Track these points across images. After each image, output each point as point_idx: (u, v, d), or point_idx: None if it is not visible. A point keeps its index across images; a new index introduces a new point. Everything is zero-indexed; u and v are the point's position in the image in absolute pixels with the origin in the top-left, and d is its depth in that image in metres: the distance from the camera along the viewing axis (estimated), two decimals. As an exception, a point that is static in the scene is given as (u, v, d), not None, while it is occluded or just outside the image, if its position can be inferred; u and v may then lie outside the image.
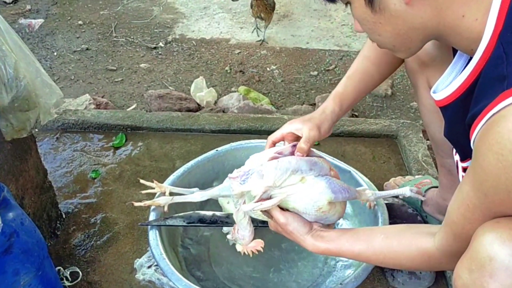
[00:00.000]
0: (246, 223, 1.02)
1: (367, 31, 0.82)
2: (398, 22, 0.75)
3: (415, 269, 1.05)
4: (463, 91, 0.78)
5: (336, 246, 0.94)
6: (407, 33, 0.77)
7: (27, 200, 1.26)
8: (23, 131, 1.16)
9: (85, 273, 1.28)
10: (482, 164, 0.66)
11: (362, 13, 0.78)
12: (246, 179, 0.97)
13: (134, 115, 1.81)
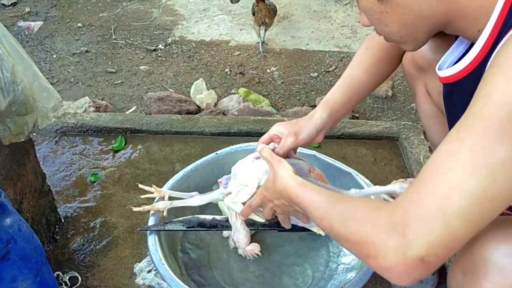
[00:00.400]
0: (239, 225, 1.06)
1: (374, 22, 0.82)
2: (405, 11, 0.75)
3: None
4: (476, 64, 0.76)
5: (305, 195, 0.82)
6: (414, 22, 0.76)
7: (26, 204, 1.25)
8: (20, 135, 1.15)
9: (85, 278, 1.27)
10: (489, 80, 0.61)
11: (369, 3, 0.78)
12: (227, 183, 1.06)
13: (134, 118, 1.81)
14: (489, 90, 0.61)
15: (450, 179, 0.60)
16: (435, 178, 0.62)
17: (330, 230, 0.75)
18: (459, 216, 0.60)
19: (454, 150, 0.62)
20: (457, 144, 0.62)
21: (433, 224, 0.60)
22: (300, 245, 1.33)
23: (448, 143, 0.63)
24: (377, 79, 1.14)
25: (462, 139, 0.61)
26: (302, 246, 1.33)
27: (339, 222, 0.72)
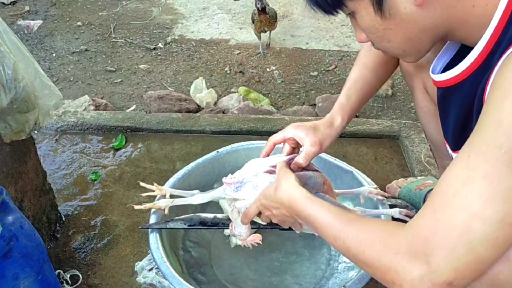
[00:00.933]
0: (240, 221, 1.04)
1: (375, 39, 0.80)
2: (409, 26, 0.74)
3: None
4: (473, 70, 0.75)
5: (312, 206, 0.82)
6: (418, 35, 0.76)
7: (27, 202, 1.24)
8: (22, 133, 1.14)
9: (85, 276, 1.27)
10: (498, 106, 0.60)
11: (370, 22, 0.76)
12: (239, 187, 1.01)
13: (134, 116, 1.80)
14: (500, 116, 0.61)
15: (468, 207, 0.61)
16: (453, 205, 0.62)
17: (346, 251, 0.75)
18: (482, 242, 0.61)
19: (468, 176, 0.62)
20: (470, 170, 0.62)
21: (457, 251, 0.61)
22: (301, 243, 1.33)
23: (460, 168, 0.63)
24: (383, 79, 1.15)
25: (475, 166, 0.62)
26: (303, 244, 1.33)
27: (356, 246, 0.72)
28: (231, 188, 1.01)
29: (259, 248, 1.32)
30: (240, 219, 1.05)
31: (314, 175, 1.00)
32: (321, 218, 0.80)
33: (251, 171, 1.02)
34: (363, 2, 0.74)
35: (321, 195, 0.98)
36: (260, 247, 1.32)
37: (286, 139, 1.07)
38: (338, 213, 0.79)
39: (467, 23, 0.72)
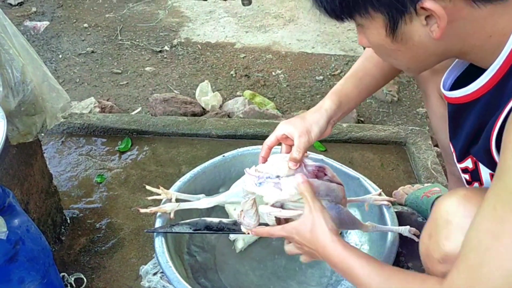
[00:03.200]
0: (253, 213, 1.01)
1: (380, 54, 0.79)
2: (420, 51, 0.73)
3: None
4: (487, 90, 0.74)
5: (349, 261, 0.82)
6: (427, 58, 0.75)
7: (32, 205, 1.24)
8: (29, 136, 1.15)
9: (90, 280, 1.27)
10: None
11: (380, 41, 0.74)
12: (262, 183, 0.96)
13: (140, 119, 1.80)
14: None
15: (502, 263, 0.62)
16: (487, 262, 0.63)
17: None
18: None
19: (497, 230, 0.63)
20: (498, 223, 0.63)
21: None
22: (307, 249, 1.33)
23: (488, 220, 0.64)
24: (388, 75, 1.11)
25: (503, 219, 0.62)
26: (309, 250, 1.32)
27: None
28: (254, 181, 0.96)
29: (264, 253, 1.31)
30: (253, 217, 1.01)
31: (337, 188, 1.00)
32: (359, 272, 0.80)
33: (276, 170, 0.97)
34: (375, 22, 0.71)
35: (341, 207, 0.98)
36: (265, 253, 1.32)
37: (279, 138, 1.04)
38: (376, 267, 0.80)
39: (481, 49, 0.71)
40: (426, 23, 0.68)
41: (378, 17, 0.70)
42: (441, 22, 0.66)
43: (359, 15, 0.72)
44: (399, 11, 0.67)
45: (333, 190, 0.98)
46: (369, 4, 0.69)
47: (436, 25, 0.67)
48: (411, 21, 0.68)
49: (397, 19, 0.68)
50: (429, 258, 0.84)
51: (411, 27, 0.69)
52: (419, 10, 0.66)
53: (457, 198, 0.80)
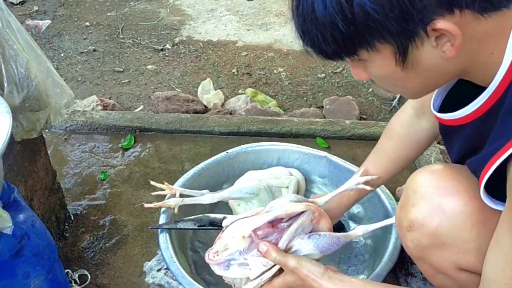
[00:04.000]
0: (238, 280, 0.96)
1: (386, 86, 0.77)
2: (430, 74, 0.71)
3: None
4: (479, 114, 0.74)
5: None
6: (436, 80, 0.74)
7: (36, 201, 1.24)
8: (33, 132, 1.15)
9: (94, 276, 1.27)
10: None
11: (387, 72, 0.71)
12: (228, 267, 0.93)
13: (143, 116, 1.80)
14: None
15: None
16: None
17: None
18: None
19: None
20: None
21: None
22: (311, 245, 1.32)
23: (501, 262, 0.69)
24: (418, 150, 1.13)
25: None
26: (313, 246, 1.32)
27: None
28: (220, 267, 0.94)
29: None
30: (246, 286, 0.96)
31: (299, 225, 0.94)
32: None
33: (234, 245, 0.92)
34: (382, 54, 0.67)
35: (316, 237, 0.95)
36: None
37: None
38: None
39: (483, 68, 0.70)
40: (436, 44, 0.65)
41: (385, 48, 0.66)
42: (456, 40, 0.63)
43: (365, 50, 0.68)
44: (408, 37, 0.64)
45: (296, 229, 0.93)
46: (376, 37, 0.65)
47: (449, 44, 0.64)
48: (422, 45, 0.65)
49: (406, 46, 0.65)
50: (400, 227, 0.90)
51: (422, 51, 0.66)
52: (430, 32, 0.63)
53: (426, 172, 0.86)
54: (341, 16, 0.63)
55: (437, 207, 0.82)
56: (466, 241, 0.81)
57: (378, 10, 0.61)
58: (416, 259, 0.93)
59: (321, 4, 0.64)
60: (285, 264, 0.90)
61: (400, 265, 1.24)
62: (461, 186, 0.81)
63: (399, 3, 0.60)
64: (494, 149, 0.68)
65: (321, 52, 0.70)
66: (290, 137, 1.74)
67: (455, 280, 0.86)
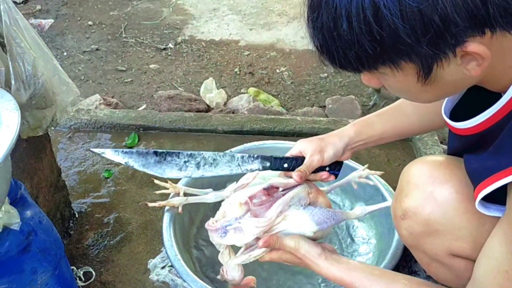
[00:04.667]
0: (233, 264, 0.98)
1: (401, 95, 0.76)
2: (449, 87, 0.69)
3: None
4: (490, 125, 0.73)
5: (351, 279, 0.86)
6: (452, 92, 0.75)
7: (41, 199, 1.25)
8: (39, 129, 1.15)
9: (99, 273, 1.28)
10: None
11: (406, 86, 0.69)
12: (225, 233, 0.94)
13: (147, 115, 1.81)
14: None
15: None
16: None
17: None
18: None
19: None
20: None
21: None
22: (314, 243, 1.33)
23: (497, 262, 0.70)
24: (426, 127, 1.09)
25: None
26: (316, 244, 1.33)
27: None
28: (218, 234, 0.95)
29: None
30: (232, 260, 0.98)
31: (295, 193, 0.96)
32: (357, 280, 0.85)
33: (231, 212, 0.95)
34: (404, 71, 0.65)
35: (311, 208, 0.96)
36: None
37: (293, 155, 1.05)
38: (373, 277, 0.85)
39: (499, 79, 0.69)
40: (461, 62, 0.63)
41: (409, 66, 0.64)
42: (484, 62, 0.62)
43: (387, 67, 0.65)
44: (436, 58, 0.62)
45: (292, 198, 0.95)
46: (402, 57, 0.62)
47: (474, 63, 0.62)
48: (448, 65, 0.63)
49: (432, 66, 0.63)
50: (395, 217, 0.93)
51: (446, 69, 0.64)
52: (458, 53, 0.61)
53: (419, 163, 0.90)
54: (369, 37, 0.60)
55: (429, 196, 0.85)
56: (457, 228, 0.83)
57: (410, 34, 0.58)
58: (411, 247, 0.96)
59: (346, 22, 0.60)
60: (284, 247, 0.90)
61: (404, 263, 1.25)
62: (453, 175, 0.83)
63: (433, 27, 0.58)
64: (497, 165, 0.68)
65: (340, 67, 0.67)
66: (294, 136, 1.74)
67: (448, 266, 0.89)
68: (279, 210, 0.93)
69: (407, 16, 0.57)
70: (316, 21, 0.64)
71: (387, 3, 0.57)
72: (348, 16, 0.60)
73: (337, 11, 0.60)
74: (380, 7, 0.57)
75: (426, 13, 0.57)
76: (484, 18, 0.58)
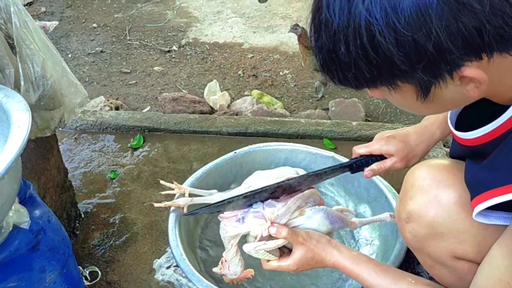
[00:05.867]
0: (237, 260, 1.01)
1: (404, 109, 0.77)
2: (449, 104, 0.71)
3: None
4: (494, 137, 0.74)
5: (360, 269, 0.89)
6: (454, 107, 0.77)
7: (48, 199, 1.26)
8: (46, 130, 1.17)
9: (104, 273, 1.29)
10: None
11: (406, 103, 0.70)
12: (244, 217, 0.96)
13: (152, 116, 1.83)
14: None
15: None
16: None
17: None
18: None
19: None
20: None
21: None
22: (318, 244, 1.34)
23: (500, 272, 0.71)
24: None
25: None
26: (320, 245, 1.34)
27: None
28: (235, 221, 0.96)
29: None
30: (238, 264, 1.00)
31: (311, 193, 1.00)
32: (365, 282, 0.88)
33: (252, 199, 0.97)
34: (403, 91, 0.66)
35: (326, 208, 1.00)
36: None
37: (371, 152, 1.06)
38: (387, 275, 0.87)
39: (504, 95, 0.70)
40: (460, 83, 0.63)
41: (407, 86, 0.65)
42: (481, 85, 0.62)
43: (386, 87, 0.66)
44: (432, 81, 0.63)
45: (309, 196, 1.00)
46: (399, 79, 0.64)
47: (473, 85, 0.63)
48: (446, 86, 0.63)
49: (429, 87, 0.63)
50: (399, 219, 0.94)
51: (444, 89, 0.64)
52: (455, 76, 0.62)
53: (423, 166, 0.90)
54: (366, 61, 0.61)
55: (433, 199, 0.86)
56: (461, 231, 0.84)
57: (405, 61, 0.59)
58: (415, 250, 0.97)
59: (344, 46, 0.61)
60: (296, 237, 0.92)
61: (407, 264, 1.25)
62: (456, 178, 0.84)
63: (427, 55, 0.58)
64: (492, 180, 0.69)
65: (341, 84, 0.69)
66: (297, 138, 1.76)
67: (451, 269, 0.90)
68: (298, 204, 0.96)
69: (402, 44, 0.58)
70: (317, 41, 0.65)
71: (382, 31, 0.58)
72: (346, 40, 0.61)
73: (336, 35, 0.62)
74: (376, 34, 0.58)
75: (420, 42, 0.58)
76: (479, 45, 0.58)
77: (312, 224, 0.97)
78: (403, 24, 0.57)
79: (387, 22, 0.58)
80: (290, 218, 0.96)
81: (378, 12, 0.57)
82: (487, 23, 0.56)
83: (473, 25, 0.56)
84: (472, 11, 0.56)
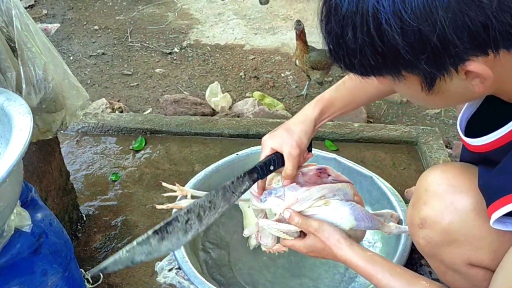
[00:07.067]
0: (267, 233, 1.00)
1: (407, 98, 0.77)
2: (455, 98, 0.70)
3: None
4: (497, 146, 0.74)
5: (374, 270, 0.86)
6: (460, 102, 0.76)
7: (50, 201, 1.26)
8: (48, 133, 1.17)
9: (106, 276, 1.28)
10: None
11: (411, 93, 0.70)
12: (266, 198, 0.96)
13: (154, 118, 1.83)
14: None
15: None
16: None
17: None
18: None
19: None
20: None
21: None
22: (320, 246, 1.34)
23: None
24: (384, 93, 1.07)
25: None
26: (322, 247, 1.33)
27: None
28: (259, 199, 0.97)
29: (279, 250, 1.33)
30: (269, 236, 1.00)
31: (343, 187, 0.97)
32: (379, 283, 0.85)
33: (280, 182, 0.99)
34: (408, 81, 0.66)
35: (354, 204, 0.96)
36: (279, 250, 1.33)
37: (268, 156, 1.00)
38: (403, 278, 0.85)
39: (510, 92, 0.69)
40: (465, 78, 0.63)
41: (412, 77, 0.65)
42: (486, 81, 0.62)
43: (391, 76, 0.66)
44: (438, 73, 0.63)
45: (338, 189, 0.96)
46: (404, 69, 0.64)
47: (478, 80, 0.63)
48: (451, 80, 0.63)
49: (434, 79, 0.64)
50: (412, 225, 0.91)
51: (449, 83, 0.64)
52: (460, 70, 0.62)
53: (437, 170, 0.88)
54: (371, 48, 0.62)
55: (449, 205, 0.84)
56: (477, 238, 0.82)
57: (410, 51, 0.60)
58: (427, 256, 0.95)
59: (351, 32, 0.62)
60: (307, 227, 0.90)
61: (410, 266, 1.25)
62: (473, 184, 0.82)
63: (431, 46, 0.59)
64: (505, 186, 0.68)
65: (347, 70, 0.69)
66: (299, 140, 1.75)
67: (466, 276, 0.88)
68: (323, 193, 0.93)
69: (407, 34, 0.58)
70: (326, 25, 0.66)
71: (389, 19, 0.58)
72: (354, 26, 0.61)
73: (344, 20, 0.62)
74: (382, 22, 0.59)
75: (424, 33, 0.58)
76: (485, 41, 0.58)
77: (335, 217, 0.92)
78: (409, 13, 0.57)
79: (394, 10, 0.58)
80: (312, 205, 0.93)
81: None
82: (494, 18, 0.56)
83: (479, 19, 0.56)
84: (479, 6, 0.56)
